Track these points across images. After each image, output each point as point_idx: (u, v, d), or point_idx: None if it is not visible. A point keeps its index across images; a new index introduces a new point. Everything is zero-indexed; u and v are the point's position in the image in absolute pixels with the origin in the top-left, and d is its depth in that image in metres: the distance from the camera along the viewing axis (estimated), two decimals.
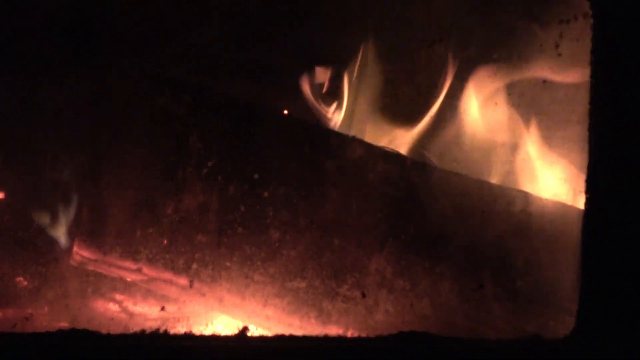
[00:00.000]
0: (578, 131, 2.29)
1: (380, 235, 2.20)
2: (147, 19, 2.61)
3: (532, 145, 2.48)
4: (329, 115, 2.59)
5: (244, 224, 2.19)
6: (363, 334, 2.17)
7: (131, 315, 2.46)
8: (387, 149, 2.36)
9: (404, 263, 2.20)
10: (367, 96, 2.58)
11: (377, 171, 2.24)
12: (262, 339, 1.96)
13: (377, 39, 2.60)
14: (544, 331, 2.02)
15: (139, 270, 2.19)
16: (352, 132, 2.40)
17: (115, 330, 2.06)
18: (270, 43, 2.67)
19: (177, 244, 2.19)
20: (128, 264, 2.19)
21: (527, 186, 2.43)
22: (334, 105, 2.60)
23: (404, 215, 2.22)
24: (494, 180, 2.45)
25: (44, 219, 2.49)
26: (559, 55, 2.36)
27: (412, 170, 2.27)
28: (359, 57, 2.60)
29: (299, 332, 2.02)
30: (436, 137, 2.57)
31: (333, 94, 2.62)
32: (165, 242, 2.19)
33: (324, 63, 2.66)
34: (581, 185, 1.96)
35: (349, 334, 2.18)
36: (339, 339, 2.02)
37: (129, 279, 2.26)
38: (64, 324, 2.36)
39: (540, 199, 2.31)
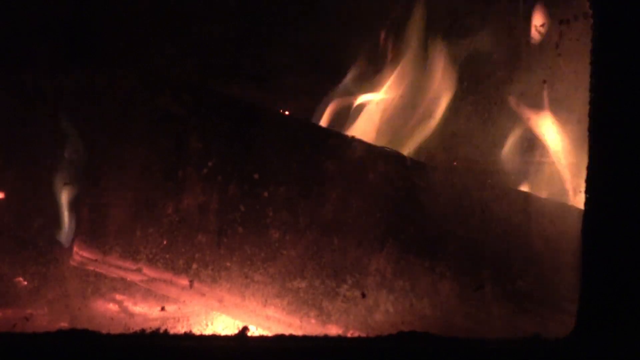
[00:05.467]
0: (578, 131, 2.30)
1: (380, 235, 2.20)
2: (147, 18, 2.61)
3: (532, 145, 2.47)
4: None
5: (244, 224, 2.19)
6: (363, 334, 2.17)
7: (131, 315, 2.46)
8: (387, 149, 2.36)
9: (404, 263, 2.20)
10: (369, 96, 2.58)
11: (377, 171, 2.24)
12: (262, 339, 1.96)
13: (378, 39, 2.60)
14: (544, 331, 2.01)
15: (139, 271, 2.19)
16: (355, 133, 2.40)
17: (115, 330, 2.06)
18: (270, 43, 2.67)
19: (177, 244, 2.19)
20: (128, 264, 2.19)
21: (527, 186, 2.43)
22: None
23: (404, 215, 2.22)
24: (495, 180, 2.44)
25: (43, 219, 2.49)
26: (559, 55, 2.36)
27: (412, 170, 2.27)
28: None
29: (299, 332, 2.03)
30: (436, 137, 2.57)
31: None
32: (165, 242, 2.18)
33: (324, 63, 2.66)
34: (581, 185, 1.96)
35: (349, 334, 2.18)
36: (339, 339, 2.02)
37: (129, 279, 2.26)
38: (64, 324, 2.36)
39: (540, 199, 2.31)
